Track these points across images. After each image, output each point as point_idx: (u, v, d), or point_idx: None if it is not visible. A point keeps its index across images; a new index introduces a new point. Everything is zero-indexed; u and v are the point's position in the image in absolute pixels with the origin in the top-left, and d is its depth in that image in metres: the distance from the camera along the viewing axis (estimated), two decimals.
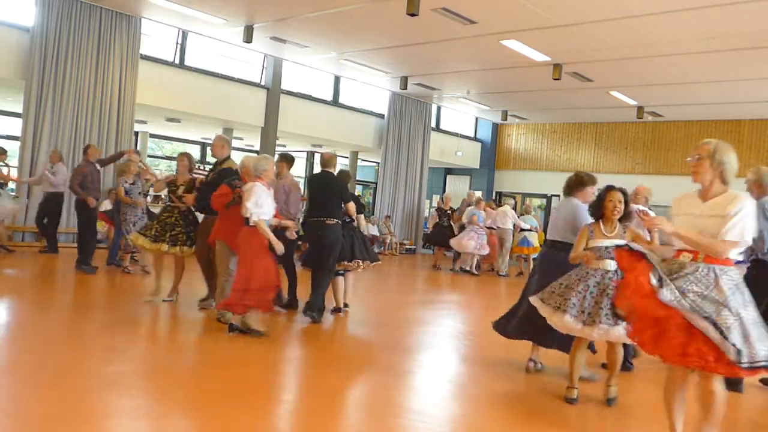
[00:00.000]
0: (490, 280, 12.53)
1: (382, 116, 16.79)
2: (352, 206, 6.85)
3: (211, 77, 13.14)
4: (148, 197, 8.90)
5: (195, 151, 18.95)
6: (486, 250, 12.73)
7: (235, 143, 16.21)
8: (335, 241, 6.55)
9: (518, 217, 13.55)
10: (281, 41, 12.32)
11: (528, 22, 9.79)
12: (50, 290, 7.66)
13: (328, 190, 6.70)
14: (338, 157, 20.91)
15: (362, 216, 7.31)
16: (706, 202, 3.24)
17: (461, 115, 19.55)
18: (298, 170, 20.23)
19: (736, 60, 10.87)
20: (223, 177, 6.25)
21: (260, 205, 5.41)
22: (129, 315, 6.20)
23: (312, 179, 7.21)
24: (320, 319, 6.51)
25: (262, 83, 14.10)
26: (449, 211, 13.68)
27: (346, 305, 7.18)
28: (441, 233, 13.46)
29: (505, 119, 18.67)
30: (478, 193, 19.31)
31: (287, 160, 7.17)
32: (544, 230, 13.53)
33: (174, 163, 14.14)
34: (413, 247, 17.20)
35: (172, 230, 6.59)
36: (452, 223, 13.42)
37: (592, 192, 5.01)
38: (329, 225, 6.53)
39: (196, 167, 10.89)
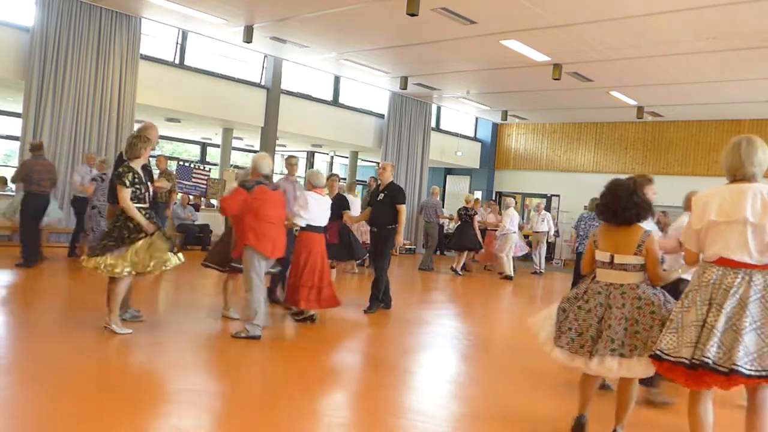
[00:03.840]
0: (492, 281, 12.54)
1: (382, 116, 16.80)
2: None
3: (211, 77, 13.14)
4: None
5: (195, 151, 18.99)
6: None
7: (234, 143, 16.24)
8: None
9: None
10: (281, 41, 12.32)
11: (528, 22, 9.79)
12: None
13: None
14: (339, 158, 20.86)
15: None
16: None
17: (461, 115, 19.55)
18: (298, 170, 20.22)
19: (736, 60, 10.87)
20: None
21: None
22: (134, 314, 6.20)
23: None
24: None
25: (262, 83, 14.10)
26: (472, 213, 12.80)
27: None
28: (465, 235, 12.69)
29: (505, 119, 18.68)
30: (477, 194, 19.38)
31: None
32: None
33: (174, 164, 14.14)
34: (413, 247, 17.19)
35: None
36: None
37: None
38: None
39: (196, 168, 10.75)
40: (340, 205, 7.75)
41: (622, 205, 3.56)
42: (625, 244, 3.56)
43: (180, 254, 5.52)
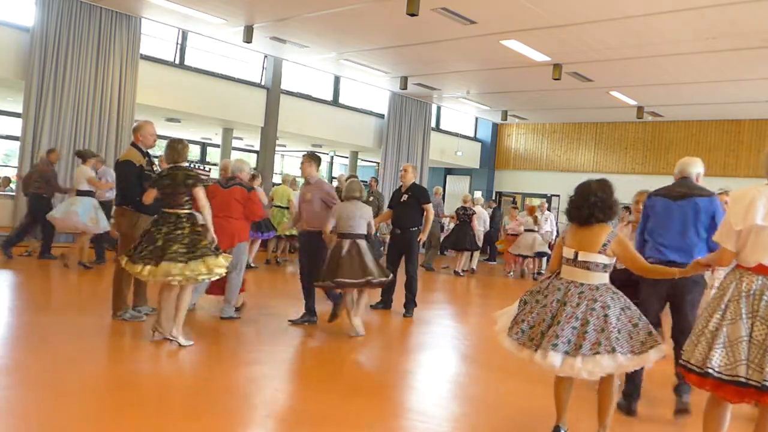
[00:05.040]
0: (492, 282, 12.54)
1: (382, 116, 16.79)
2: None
3: (211, 77, 13.14)
4: None
5: (195, 152, 18.99)
6: None
7: (235, 143, 16.23)
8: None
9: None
10: (281, 41, 12.32)
11: (528, 22, 9.79)
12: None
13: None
14: (339, 158, 20.78)
15: None
16: None
17: (461, 115, 19.55)
18: (297, 171, 20.27)
19: (736, 60, 10.87)
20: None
21: None
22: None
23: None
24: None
25: (262, 83, 14.10)
26: (471, 213, 12.71)
27: None
28: (464, 235, 12.56)
29: (505, 119, 18.68)
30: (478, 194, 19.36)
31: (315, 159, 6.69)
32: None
33: None
34: None
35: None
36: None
37: None
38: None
39: (196, 168, 10.72)
40: None
41: (578, 205, 3.64)
42: (589, 241, 3.55)
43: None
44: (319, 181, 6.58)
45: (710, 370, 2.96)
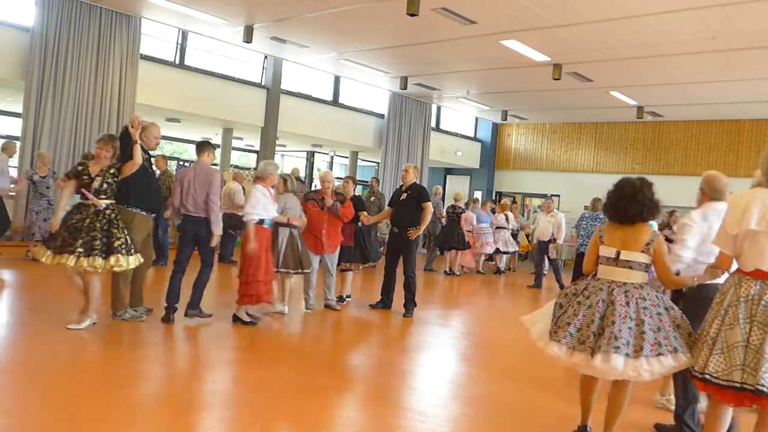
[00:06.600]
0: (492, 281, 12.54)
1: (382, 116, 16.79)
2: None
3: (211, 77, 13.14)
4: None
5: (194, 152, 19.06)
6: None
7: (234, 143, 16.24)
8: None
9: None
10: (281, 41, 12.33)
11: (528, 22, 9.79)
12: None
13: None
14: (339, 158, 20.77)
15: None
16: None
17: (461, 115, 19.55)
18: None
19: (736, 60, 10.87)
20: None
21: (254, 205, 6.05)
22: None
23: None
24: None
25: (262, 83, 14.10)
26: (460, 211, 12.58)
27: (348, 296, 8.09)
28: (453, 234, 12.46)
29: (505, 119, 18.67)
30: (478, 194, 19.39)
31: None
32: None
33: (173, 164, 14.14)
34: None
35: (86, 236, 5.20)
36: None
37: None
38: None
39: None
40: (355, 206, 7.71)
41: (624, 203, 3.53)
42: (632, 241, 3.48)
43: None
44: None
45: (708, 376, 3.01)
